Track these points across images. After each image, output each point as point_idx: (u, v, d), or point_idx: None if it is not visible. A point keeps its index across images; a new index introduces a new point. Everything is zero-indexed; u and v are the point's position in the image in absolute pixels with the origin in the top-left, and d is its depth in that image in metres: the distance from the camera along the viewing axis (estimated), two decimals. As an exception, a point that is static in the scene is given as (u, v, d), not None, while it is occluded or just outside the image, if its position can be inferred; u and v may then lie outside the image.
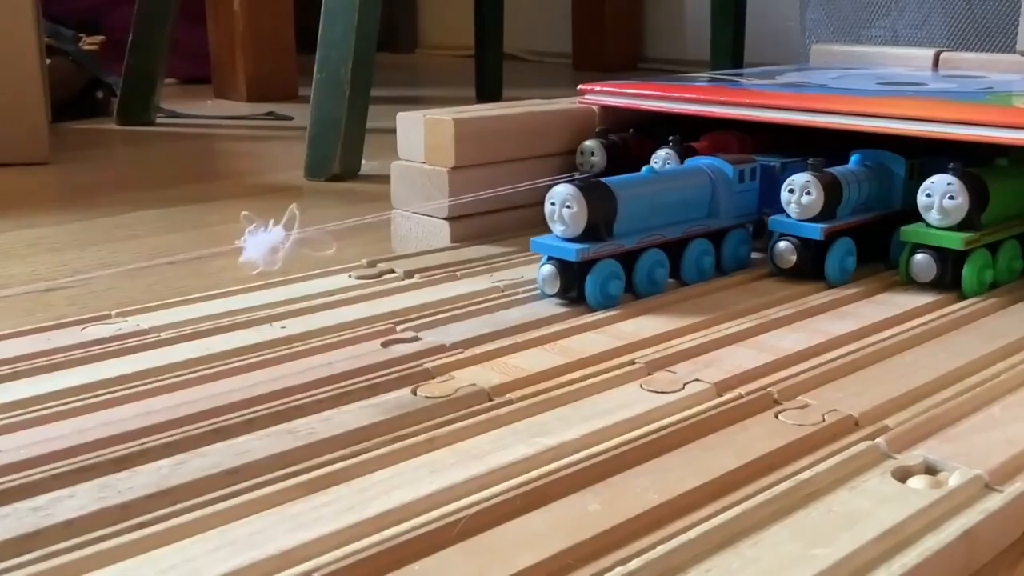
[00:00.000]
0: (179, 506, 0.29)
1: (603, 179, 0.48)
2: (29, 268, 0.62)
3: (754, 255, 0.55)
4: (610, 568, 0.26)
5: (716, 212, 0.51)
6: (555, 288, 0.47)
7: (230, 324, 0.45)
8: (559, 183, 0.46)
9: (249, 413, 0.35)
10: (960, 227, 0.49)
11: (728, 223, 0.52)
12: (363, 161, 0.95)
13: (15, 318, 0.51)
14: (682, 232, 0.50)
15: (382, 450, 0.32)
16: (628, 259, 0.48)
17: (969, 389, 0.38)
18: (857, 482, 0.31)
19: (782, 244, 0.51)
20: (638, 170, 0.60)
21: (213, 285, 0.53)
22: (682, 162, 0.58)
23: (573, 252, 0.46)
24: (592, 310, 0.47)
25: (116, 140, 1.19)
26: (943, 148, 0.52)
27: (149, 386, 0.37)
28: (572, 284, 0.46)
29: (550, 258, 0.47)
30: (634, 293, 0.48)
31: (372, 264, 0.54)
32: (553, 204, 0.46)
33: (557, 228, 0.46)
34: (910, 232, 0.50)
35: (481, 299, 0.48)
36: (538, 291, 0.48)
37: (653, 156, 0.59)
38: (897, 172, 0.54)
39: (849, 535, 0.27)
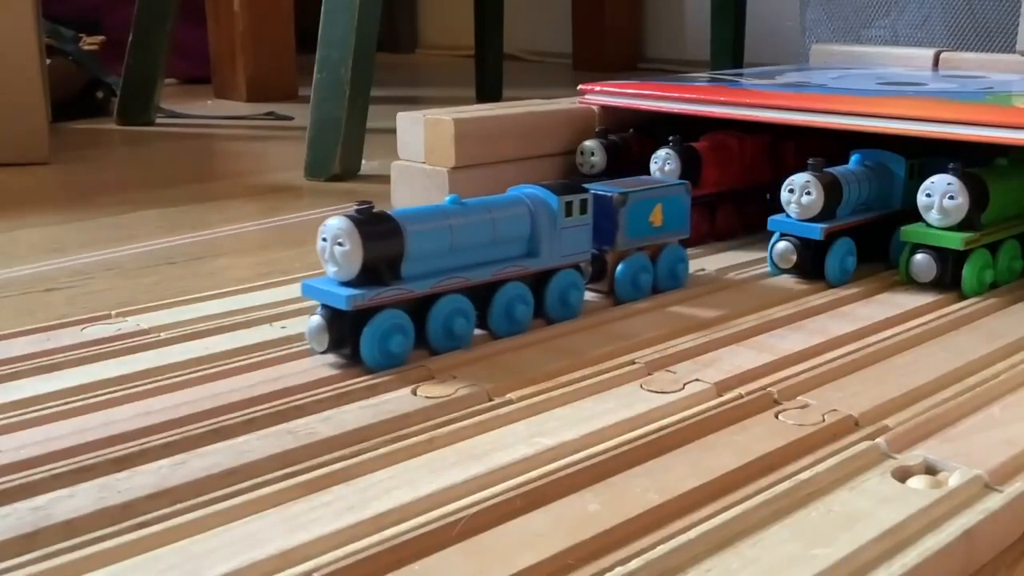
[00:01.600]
0: (179, 506, 0.29)
1: (391, 211, 0.40)
2: (29, 268, 0.62)
3: (592, 297, 0.48)
4: (610, 568, 0.26)
5: (536, 251, 0.44)
6: (323, 344, 0.39)
7: (230, 324, 0.45)
8: (334, 215, 0.39)
9: (249, 413, 0.35)
10: (960, 227, 0.49)
11: (552, 263, 0.44)
12: (363, 161, 0.95)
13: (15, 318, 0.51)
14: (491, 274, 0.42)
15: (382, 450, 0.32)
16: (420, 307, 0.40)
17: (969, 389, 0.38)
18: (857, 482, 0.31)
19: (782, 244, 0.51)
20: (639, 170, 0.60)
21: (213, 285, 0.53)
22: (683, 162, 0.58)
23: (343, 300, 0.38)
24: (589, 312, 0.47)
25: (116, 140, 1.19)
26: (943, 148, 0.52)
27: (149, 386, 0.37)
28: (345, 338, 0.39)
29: (323, 306, 0.39)
30: (428, 348, 0.41)
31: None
32: (324, 240, 0.39)
33: (329, 269, 0.39)
34: (910, 232, 0.50)
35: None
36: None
37: (653, 156, 0.59)
38: (897, 172, 0.54)
39: (849, 535, 0.27)
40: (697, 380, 0.38)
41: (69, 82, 1.29)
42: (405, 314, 0.40)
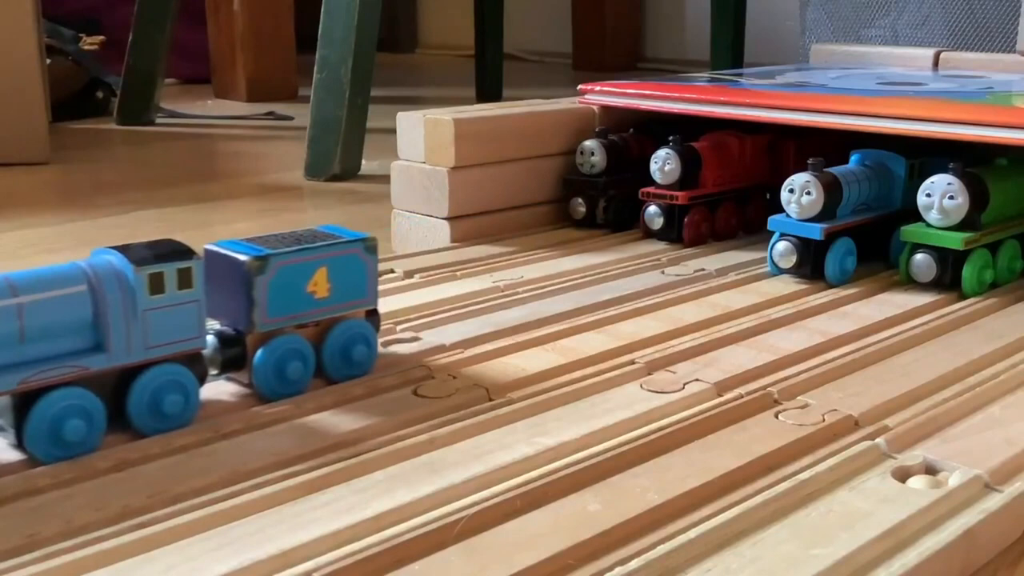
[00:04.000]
0: (179, 506, 0.29)
1: None
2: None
3: (224, 394, 0.37)
4: (610, 568, 0.26)
5: (104, 343, 0.32)
6: None
7: (230, 324, 0.44)
8: None
9: (249, 413, 0.35)
10: (960, 227, 0.49)
11: (132, 359, 0.32)
12: (363, 161, 0.95)
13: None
14: (19, 383, 0.30)
15: (382, 450, 0.32)
16: None
17: (969, 389, 0.38)
18: (857, 482, 0.31)
19: (782, 244, 0.51)
20: (639, 170, 0.60)
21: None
22: (683, 162, 0.58)
23: None
24: (593, 309, 0.47)
25: (116, 140, 1.19)
26: (943, 148, 0.52)
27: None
28: None
29: None
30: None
31: (372, 264, 0.54)
32: None
33: None
34: (910, 232, 0.50)
35: (481, 299, 0.48)
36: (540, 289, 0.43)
37: (653, 156, 0.59)
38: (897, 172, 0.54)
39: (849, 535, 0.27)
40: (697, 380, 0.38)
41: (69, 82, 1.30)
42: None
